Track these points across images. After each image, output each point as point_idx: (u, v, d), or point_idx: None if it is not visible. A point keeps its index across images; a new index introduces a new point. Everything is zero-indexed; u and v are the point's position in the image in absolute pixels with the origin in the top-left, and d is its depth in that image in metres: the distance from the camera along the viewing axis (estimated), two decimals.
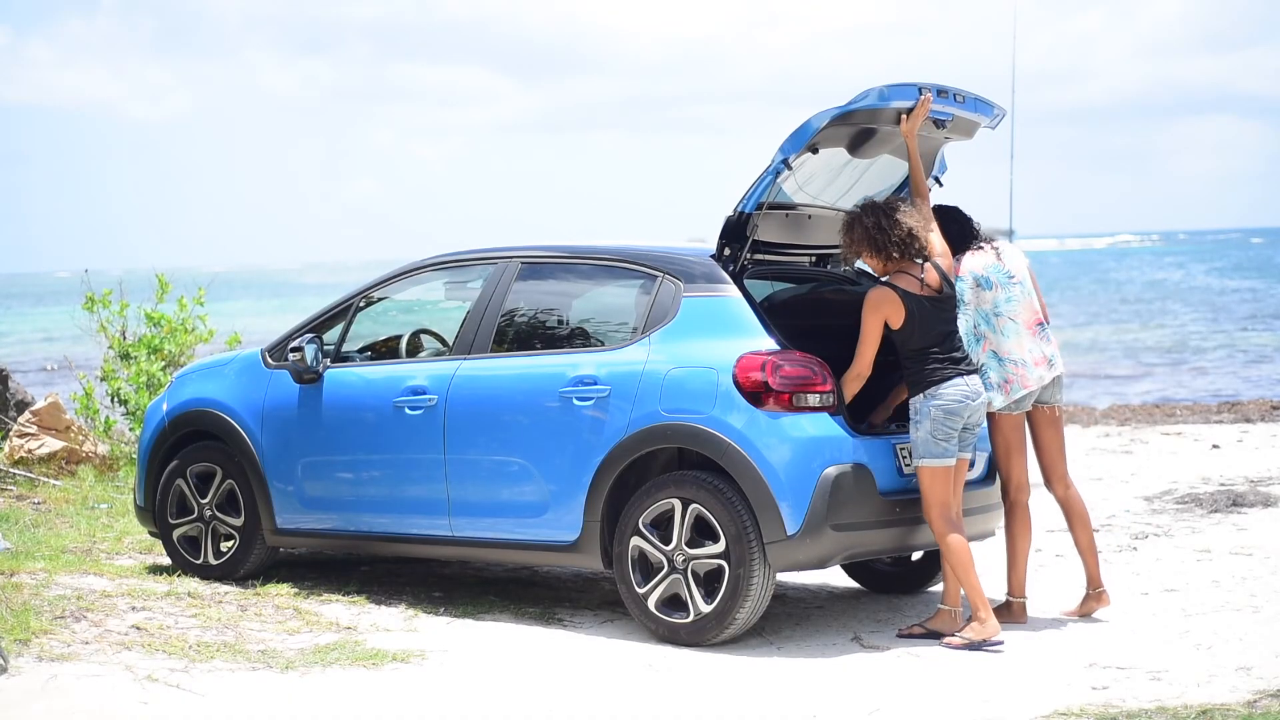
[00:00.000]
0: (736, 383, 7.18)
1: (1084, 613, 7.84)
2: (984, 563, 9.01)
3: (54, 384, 23.57)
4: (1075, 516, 7.88)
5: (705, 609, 7.22)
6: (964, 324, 7.53)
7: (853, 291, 8.19)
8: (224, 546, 8.67)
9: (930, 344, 7.27)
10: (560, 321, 8.01)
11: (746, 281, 7.57)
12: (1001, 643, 7.18)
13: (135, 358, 12.87)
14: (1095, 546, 7.90)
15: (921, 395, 7.26)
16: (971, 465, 7.67)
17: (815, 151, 7.46)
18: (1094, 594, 7.86)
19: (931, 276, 7.33)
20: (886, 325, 7.33)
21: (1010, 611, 7.67)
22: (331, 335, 8.49)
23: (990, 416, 7.66)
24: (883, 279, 7.35)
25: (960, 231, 7.68)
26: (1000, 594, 7.84)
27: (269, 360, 8.56)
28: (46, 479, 11.55)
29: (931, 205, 7.63)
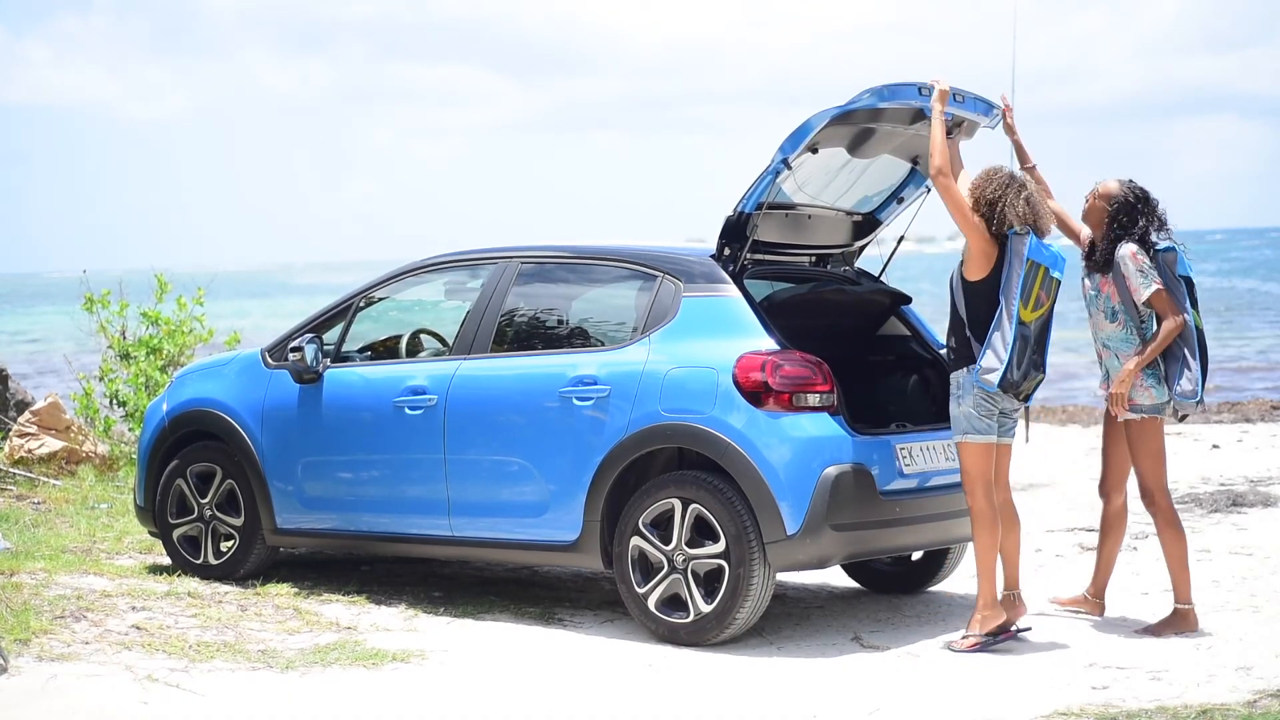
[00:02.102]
0: (736, 383, 7.18)
1: (1070, 605, 7.85)
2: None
3: (53, 384, 23.57)
4: (1120, 525, 7.76)
5: (705, 609, 7.22)
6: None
7: (853, 291, 8.19)
8: (224, 546, 8.67)
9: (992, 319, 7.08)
10: (560, 321, 8.01)
11: (746, 281, 7.57)
12: (1014, 631, 7.13)
13: (134, 358, 12.87)
14: (1115, 561, 7.83)
15: (965, 370, 7.16)
16: None
17: (815, 151, 7.46)
18: (1093, 600, 7.83)
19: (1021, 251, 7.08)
20: (961, 275, 7.16)
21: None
22: (331, 335, 8.49)
23: (1133, 423, 7.40)
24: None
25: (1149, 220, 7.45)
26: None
27: (269, 360, 8.56)
28: (46, 479, 11.55)
29: (1130, 185, 7.45)
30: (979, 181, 7.24)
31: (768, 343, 7.25)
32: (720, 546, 7.17)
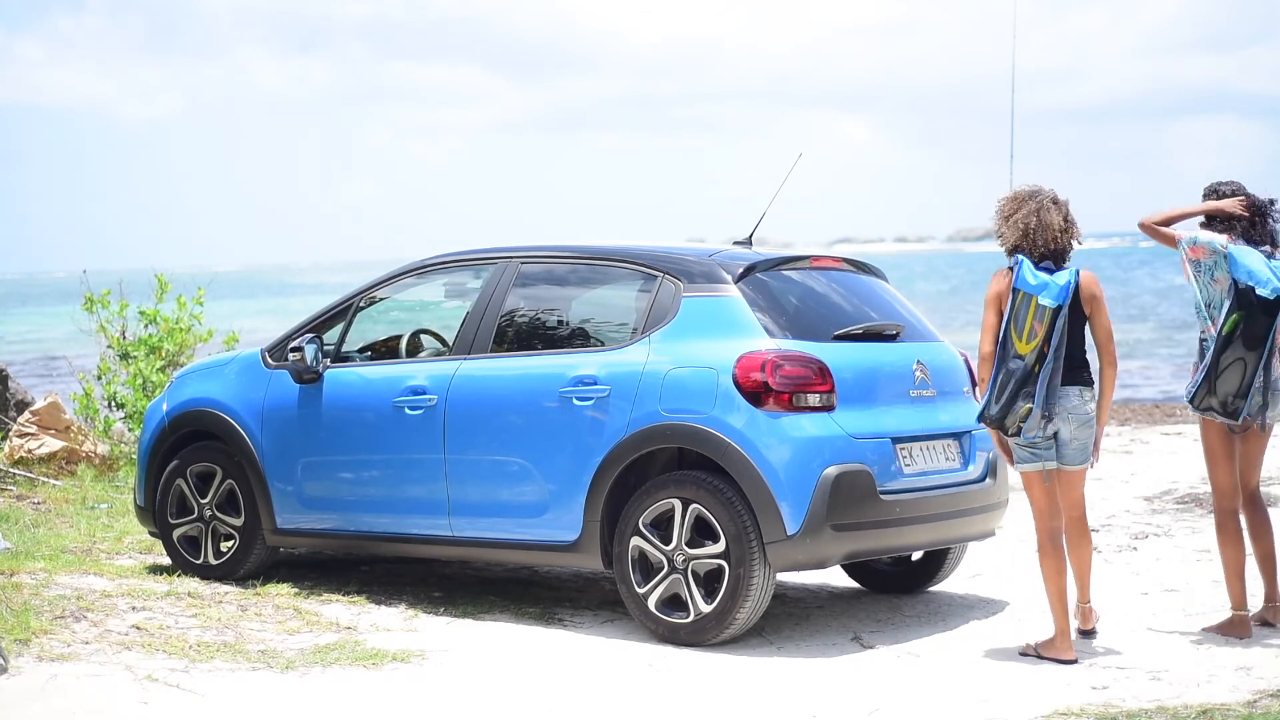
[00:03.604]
0: (736, 382, 7.18)
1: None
2: (980, 563, 9.02)
3: (53, 384, 23.58)
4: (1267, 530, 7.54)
5: (705, 609, 7.22)
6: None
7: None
8: (224, 546, 8.67)
9: None
10: (560, 321, 8.02)
11: (746, 281, 7.57)
12: (1075, 662, 6.95)
13: (134, 358, 12.87)
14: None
15: None
16: (970, 464, 7.69)
17: None
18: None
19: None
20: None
21: (1231, 624, 7.38)
22: (331, 335, 8.50)
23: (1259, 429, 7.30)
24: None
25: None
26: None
27: (269, 360, 8.56)
28: (46, 479, 11.55)
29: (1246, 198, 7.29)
30: (1003, 203, 7.05)
31: (768, 342, 7.26)
32: (720, 546, 7.17)
